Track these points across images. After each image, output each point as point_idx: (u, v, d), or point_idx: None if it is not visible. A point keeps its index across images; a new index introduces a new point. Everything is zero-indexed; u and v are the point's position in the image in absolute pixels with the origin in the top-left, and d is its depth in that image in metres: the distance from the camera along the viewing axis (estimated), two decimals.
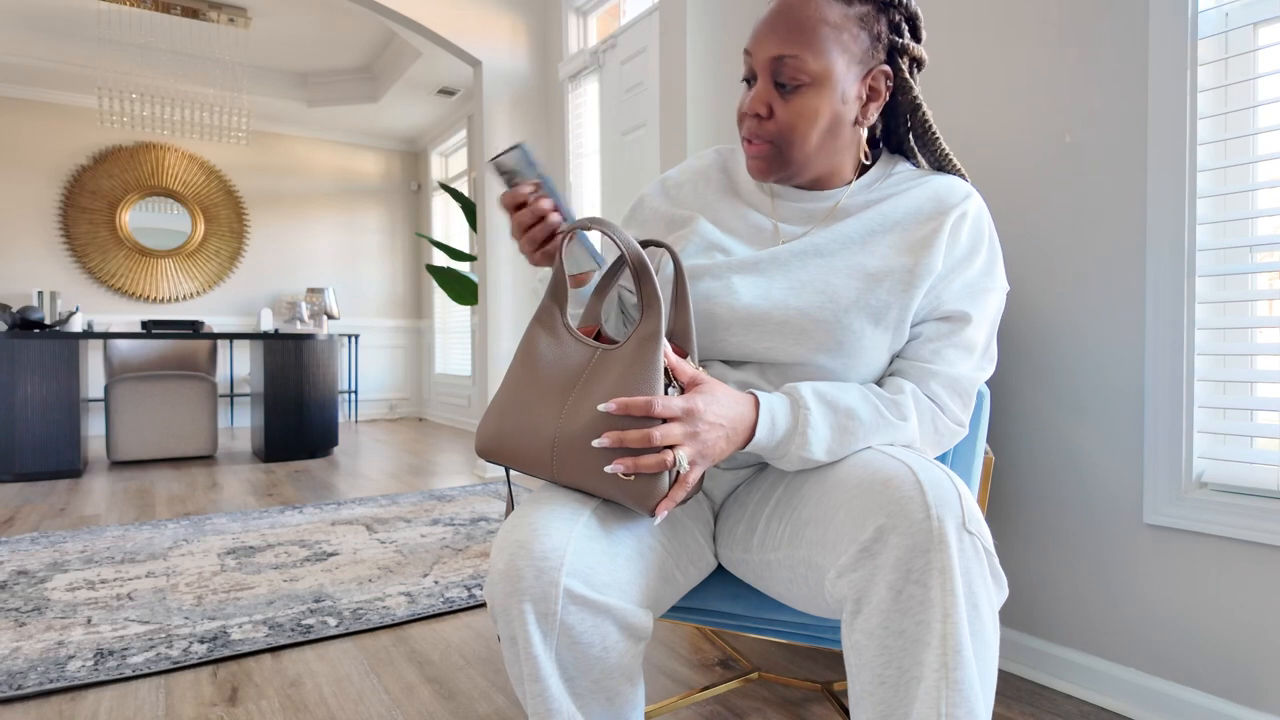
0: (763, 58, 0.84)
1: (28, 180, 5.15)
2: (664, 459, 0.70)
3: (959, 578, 0.63)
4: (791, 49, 0.82)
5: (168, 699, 1.38)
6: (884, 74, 0.86)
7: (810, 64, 0.82)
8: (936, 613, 0.63)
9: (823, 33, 0.82)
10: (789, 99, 0.84)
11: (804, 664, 1.54)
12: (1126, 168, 1.30)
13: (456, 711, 1.34)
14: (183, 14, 4.22)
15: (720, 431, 0.74)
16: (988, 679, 0.64)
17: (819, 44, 0.82)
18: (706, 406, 0.73)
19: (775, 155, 0.87)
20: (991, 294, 0.87)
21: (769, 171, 0.88)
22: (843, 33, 0.83)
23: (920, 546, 0.64)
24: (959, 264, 0.85)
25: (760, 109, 0.85)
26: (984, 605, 0.65)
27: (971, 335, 0.86)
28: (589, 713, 0.75)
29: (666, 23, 2.07)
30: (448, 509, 2.92)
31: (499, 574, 0.75)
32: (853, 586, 0.67)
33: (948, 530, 0.64)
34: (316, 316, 5.19)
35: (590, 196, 3.56)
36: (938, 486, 0.67)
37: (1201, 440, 1.24)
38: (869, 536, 0.67)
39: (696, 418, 0.72)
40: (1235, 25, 1.21)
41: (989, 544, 0.67)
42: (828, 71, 0.82)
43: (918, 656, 0.63)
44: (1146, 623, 1.29)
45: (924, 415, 0.83)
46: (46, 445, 3.59)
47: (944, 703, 0.62)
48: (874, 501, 0.68)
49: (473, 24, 3.54)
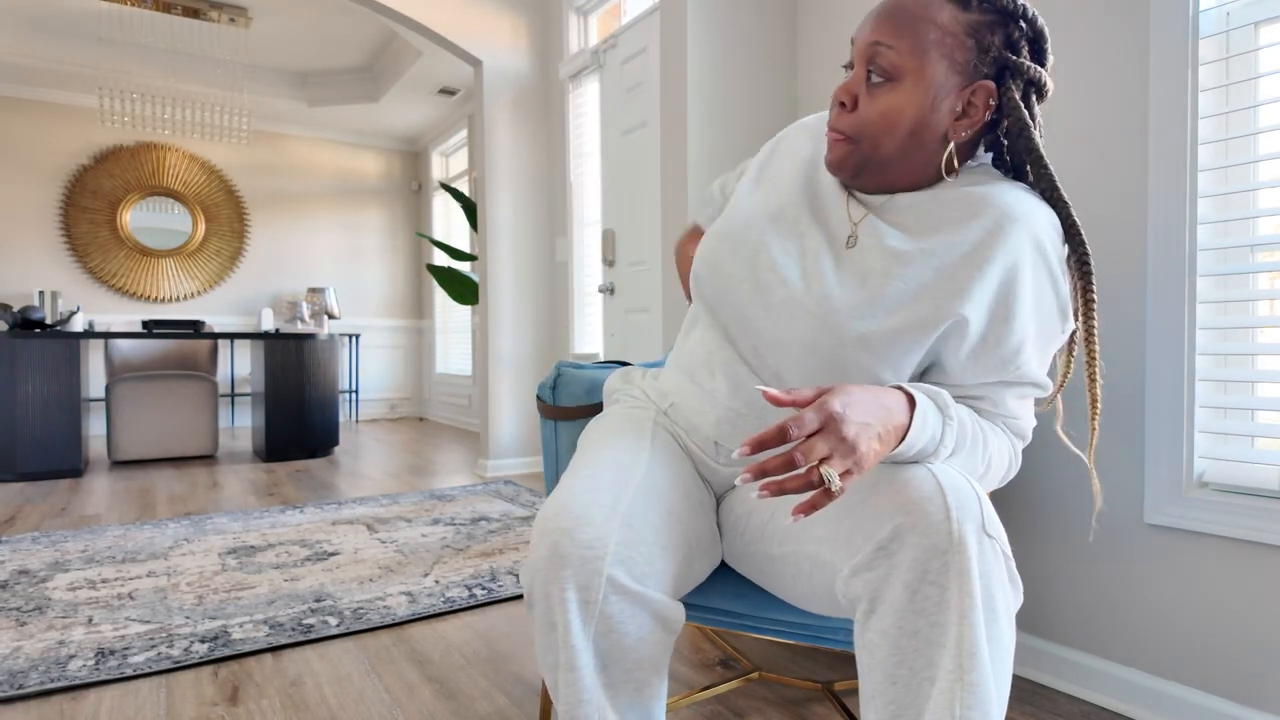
0: (862, 42, 0.80)
1: (29, 180, 5.15)
2: (810, 478, 0.63)
3: (977, 581, 0.63)
4: (889, 38, 0.78)
5: (169, 698, 1.39)
6: (986, 90, 0.79)
7: (906, 59, 0.77)
8: (953, 614, 0.62)
9: (927, 31, 0.77)
10: (876, 93, 0.79)
11: (805, 664, 1.54)
12: (1127, 167, 1.30)
13: (457, 711, 1.34)
14: (183, 14, 4.22)
15: (871, 432, 0.65)
16: (1003, 682, 0.64)
17: (920, 41, 0.77)
18: (846, 409, 0.65)
19: (852, 152, 0.81)
20: (1057, 340, 0.82)
21: (842, 168, 0.83)
22: (949, 36, 0.77)
23: (939, 548, 0.64)
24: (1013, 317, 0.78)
25: (845, 97, 0.80)
26: (1001, 609, 0.64)
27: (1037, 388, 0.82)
28: (618, 704, 0.75)
29: (667, 22, 2.07)
30: (448, 509, 2.92)
31: (542, 560, 0.75)
32: (868, 585, 0.67)
33: (967, 533, 0.64)
34: (317, 316, 5.19)
35: (591, 196, 3.56)
36: (957, 489, 0.66)
37: (1202, 440, 1.24)
38: (886, 535, 0.66)
39: (839, 424, 0.64)
40: (1236, 25, 1.21)
41: (1007, 548, 0.67)
42: (921, 71, 0.77)
43: (931, 657, 0.63)
44: (1147, 622, 1.29)
45: (1004, 454, 0.82)
46: (48, 445, 3.59)
47: (958, 705, 0.61)
48: (892, 501, 0.68)
49: (473, 24, 3.53)
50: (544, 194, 3.79)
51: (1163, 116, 1.24)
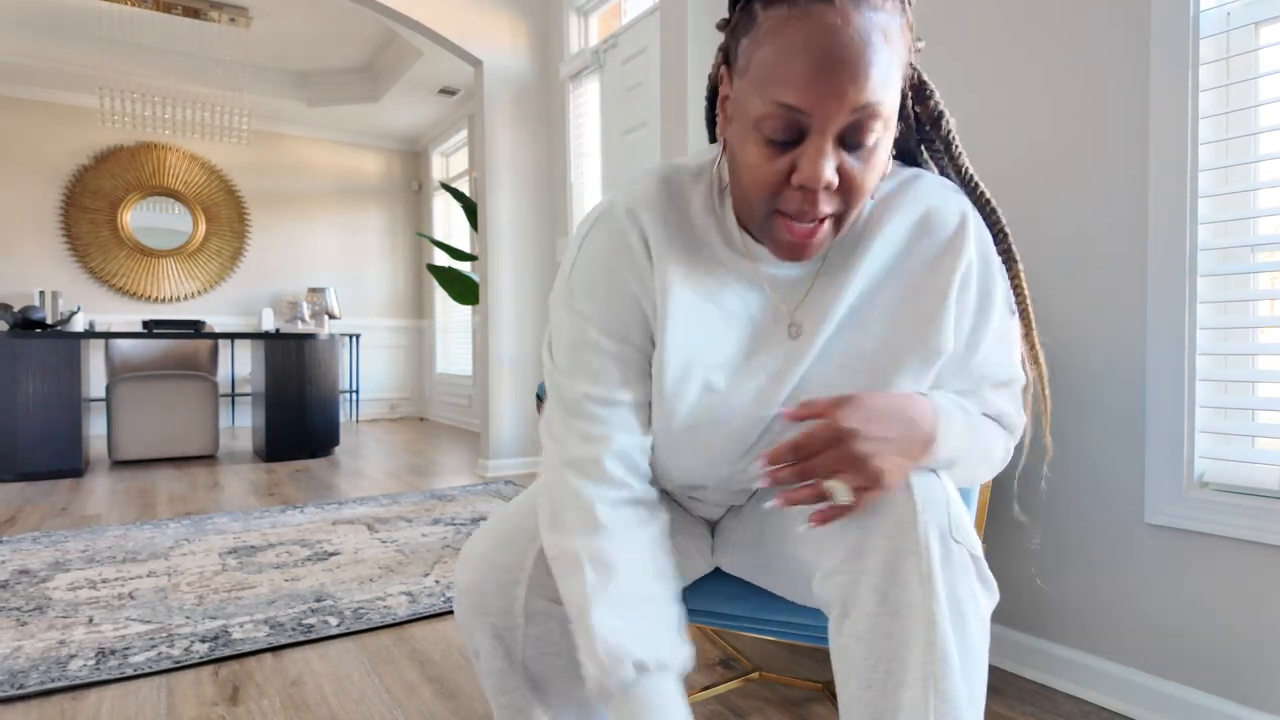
0: (834, 110, 0.59)
1: (29, 180, 5.16)
2: (817, 490, 0.62)
3: (941, 587, 0.62)
4: (876, 92, 0.59)
5: (169, 698, 1.39)
6: (912, 84, 0.70)
7: (887, 106, 0.60)
8: (919, 619, 0.62)
9: (901, 56, 0.62)
10: (862, 155, 0.62)
11: (804, 664, 1.54)
12: (1128, 167, 1.30)
13: (457, 711, 1.34)
14: (183, 14, 4.22)
15: (890, 448, 0.63)
16: (976, 685, 0.64)
17: (894, 76, 0.61)
18: (863, 424, 0.62)
19: (834, 231, 0.66)
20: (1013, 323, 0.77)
21: (815, 253, 0.66)
22: (903, 49, 0.63)
23: (904, 549, 0.63)
24: (977, 326, 0.73)
25: (834, 177, 0.61)
26: (970, 614, 0.63)
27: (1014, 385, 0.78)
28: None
29: (667, 22, 2.06)
30: (449, 508, 2.92)
31: (461, 589, 0.74)
32: (839, 589, 0.67)
33: (931, 538, 0.63)
34: (317, 316, 5.19)
35: (591, 196, 3.56)
36: (927, 490, 0.65)
37: (1203, 440, 1.24)
38: (855, 537, 0.66)
39: (851, 440, 0.61)
40: (1237, 25, 1.21)
41: (976, 550, 0.66)
42: (894, 107, 0.62)
43: (906, 660, 0.63)
44: (1147, 622, 1.29)
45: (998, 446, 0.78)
46: (48, 445, 3.59)
47: (930, 710, 0.61)
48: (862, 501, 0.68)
49: (474, 23, 3.53)
50: (544, 194, 3.79)
51: (1163, 116, 1.24)
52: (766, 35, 0.60)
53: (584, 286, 0.73)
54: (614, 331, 0.73)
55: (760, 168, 0.62)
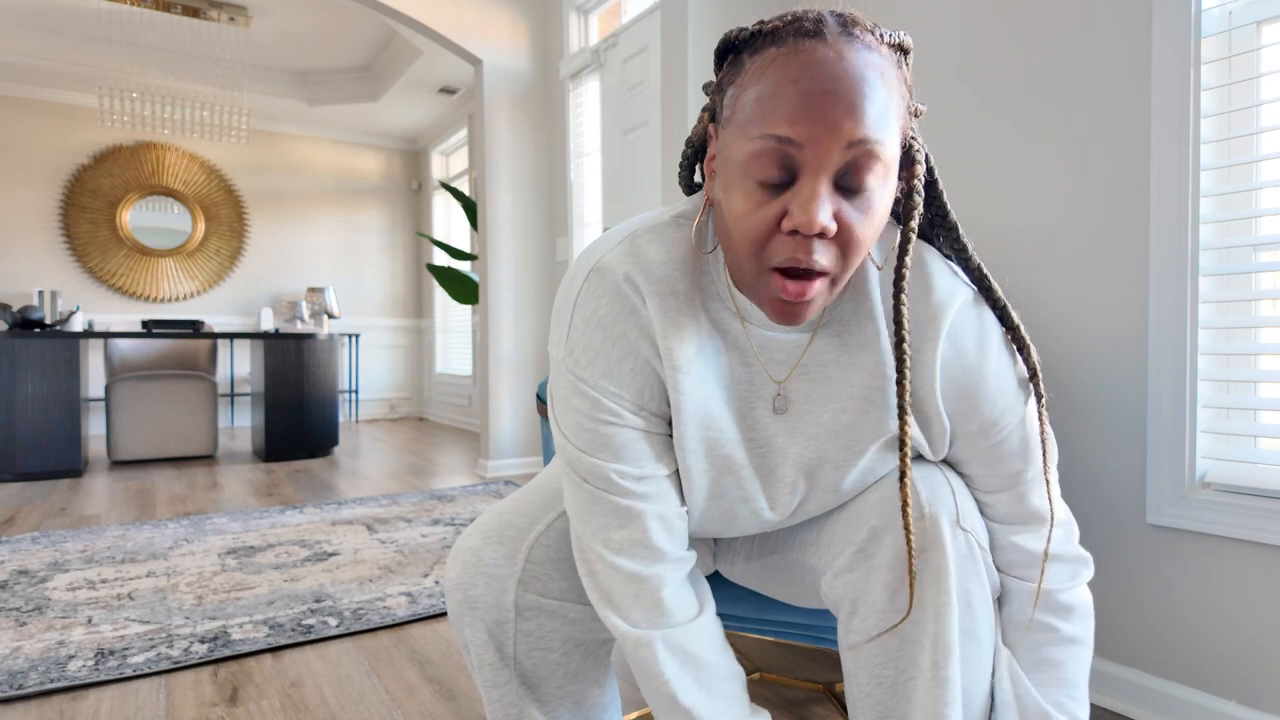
0: (828, 144, 0.54)
1: (28, 180, 5.15)
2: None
3: (953, 576, 0.63)
4: (873, 129, 0.54)
5: (168, 699, 1.38)
6: (911, 140, 0.65)
7: (886, 149, 0.56)
8: (930, 611, 0.62)
9: (892, 103, 0.57)
10: (859, 204, 0.57)
11: (805, 664, 1.54)
12: (1129, 166, 1.30)
13: (457, 712, 1.34)
14: (183, 13, 4.21)
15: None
16: (982, 674, 0.64)
17: (892, 119, 0.57)
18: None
19: (829, 290, 0.60)
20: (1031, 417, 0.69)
21: (810, 315, 0.60)
22: (901, 98, 0.59)
23: (915, 545, 0.63)
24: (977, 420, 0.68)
25: (830, 223, 0.55)
26: (977, 603, 0.64)
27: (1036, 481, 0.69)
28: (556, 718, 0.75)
29: (668, 21, 2.06)
30: (448, 509, 2.91)
31: (450, 584, 0.74)
32: (849, 588, 0.67)
33: (942, 527, 0.63)
34: (317, 316, 5.19)
35: (591, 196, 3.56)
36: (932, 484, 0.66)
37: (1205, 440, 1.23)
38: (863, 538, 0.66)
39: None
40: (1238, 24, 1.20)
41: (983, 540, 0.66)
42: (894, 154, 0.58)
43: (915, 657, 0.63)
44: (1148, 623, 1.29)
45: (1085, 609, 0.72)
46: (47, 445, 3.58)
47: (938, 702, 0.61)
48: (867, 503, 0.68)
49: (473, 23, 3.53)
50: (544, 194, 3.79)
51: (1164, 116, 1.24)
52: (754, 77, 0.57)
53: (587, 351, 0.66)
54: (630, 401, 0.67)
55: (750, 216, 0.57)
